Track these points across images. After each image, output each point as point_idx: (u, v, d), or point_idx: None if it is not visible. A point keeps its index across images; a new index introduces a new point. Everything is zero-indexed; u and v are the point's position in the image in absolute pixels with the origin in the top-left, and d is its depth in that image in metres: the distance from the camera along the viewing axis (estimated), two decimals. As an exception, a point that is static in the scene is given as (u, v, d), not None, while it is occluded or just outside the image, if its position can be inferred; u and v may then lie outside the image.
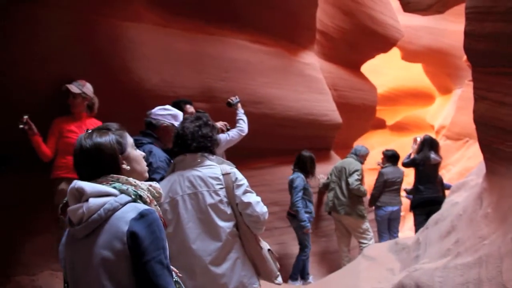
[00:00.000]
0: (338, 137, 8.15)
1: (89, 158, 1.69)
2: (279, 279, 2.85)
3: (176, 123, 3.16)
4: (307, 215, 6.07)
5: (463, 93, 13.30)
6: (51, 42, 3.89)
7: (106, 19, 4.24)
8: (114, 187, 1.65)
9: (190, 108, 4.28)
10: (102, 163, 1.70)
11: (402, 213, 7.75)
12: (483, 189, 3.58)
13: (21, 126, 3.65)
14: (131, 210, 1.63)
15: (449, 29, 13.84)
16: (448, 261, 3.18)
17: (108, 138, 1.73)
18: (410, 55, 14.56)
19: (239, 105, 4.75)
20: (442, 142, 12.67)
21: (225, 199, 2.67)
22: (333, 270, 6.32)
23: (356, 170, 6.50)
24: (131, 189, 1.68)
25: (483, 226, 3.16)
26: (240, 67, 5.87)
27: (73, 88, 3.98)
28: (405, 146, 9.52)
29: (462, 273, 2.87)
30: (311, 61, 7.52)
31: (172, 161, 2.95)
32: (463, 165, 12.91)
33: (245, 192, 2.72)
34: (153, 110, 3.29)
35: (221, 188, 2.68)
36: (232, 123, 4.62)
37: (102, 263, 1.58)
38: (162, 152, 3.24)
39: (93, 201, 1.60)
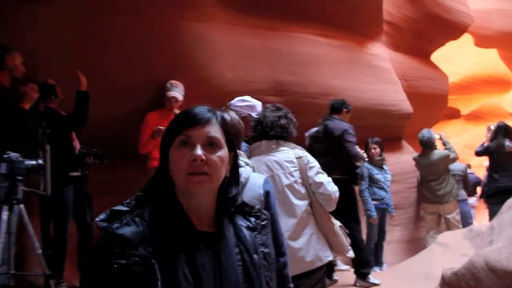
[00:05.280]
0: (409, 127, 8.12)
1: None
2: (351, 253, 3.08)
3: (253, 114, 3.41)
4: (375, 202, 6.15)
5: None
6: (147, 47, 4.39)
7: (186, 22, 4.64)
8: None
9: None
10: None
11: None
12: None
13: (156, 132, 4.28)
14: (258, 177, 2.13)
15: (524, 10, 13.17)
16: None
17: None
18: (483, 41, 13.94)
19: None
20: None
21: (299, 180, 2.93)
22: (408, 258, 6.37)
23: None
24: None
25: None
26: (309, 61, 6.07)
27: (178, 96, 4.52)
28: (481, 136, 9.27)
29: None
30: (379, 51, 7.58)
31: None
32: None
33: (317, 173, 2.97)
34: (232, 102, 3.57)
35: (295, 170, 2.94)
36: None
37: None
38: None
39: None
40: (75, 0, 4.07)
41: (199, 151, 1.14)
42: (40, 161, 3.19)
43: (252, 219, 1.29)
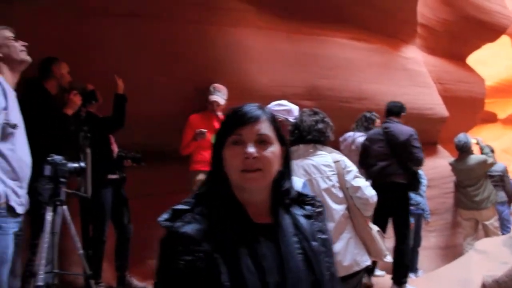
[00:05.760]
0: (444, 131, 7.98)
1: None
2: (388, 258, 3.04)
3: (290, 118, 3.41)
4: (411, 207, 5.99)
5: None
6: (182, 52, 4.50)
7: (220, 27, 4.70)
8: None
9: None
10: None
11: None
12: None
13: (199, 135, 4.38)
14: (296, 181, 2.09)
15: None
16: None
17: None
18: (521, 43, 13.62)
19: None
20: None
21: (337, 184, 2.92)
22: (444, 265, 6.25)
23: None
24: None
25: None
26: (343, 65, 6.05)
27: (220, 100, 4.61)
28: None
29: None
30: (413, 55, 7.48)
31: None
32: None
33: (355, 177, 2.96)
34: (269, 106, 3.57)
35: (333, 174, 2.93)
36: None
37: None
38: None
39: None
40: (110, 7, 4.17)
41: (251, 148, 1.19)
42: (82, 164, 3.27)
43: (308, 207, 1.33)
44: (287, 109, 3.49)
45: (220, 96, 4.66)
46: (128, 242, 4.34)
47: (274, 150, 1.23)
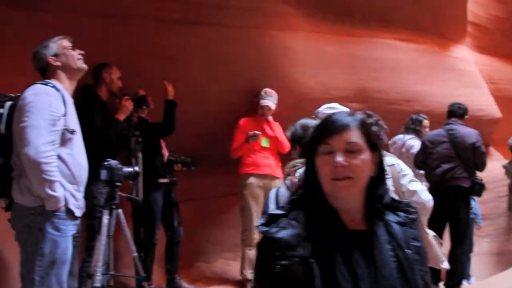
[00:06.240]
0: (497, 132, 7.68)
1: None
2: (445, 264, 2.95)
3: (341, 121, 3.37)
4: None
5: None
6: (230, 57, 4.55)
7: (268, 31, 4.71)
8: None
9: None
10: None
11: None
12: None
13: (252, 137, 4.41)
14: None
15: None
16: None
17: None
18: None
19: None
20: None
21: (392, 188, 2.85)
22: (498, 272, 6.02)
23: None
24: None
25: None
26: (391, 66, 5.93)
27: (271, 105, 4.65)
28: None
29: None
30: (463, 54, 7.25)
31: None
32: None
33: (411, 181, 2.88)
34: (320, 109, 3.52)
35: (388, 178, 2.86)
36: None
37: None
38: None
39: None
40: (161, 14, 4.24)
41: (339, 158, 1.21)
42: (136, 168, 3.34)
43: (401, 213, 1.32)
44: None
45: (271, 101, 4.68)
46: (178, 245, 4.39)
47: (364, 157, 1.23)
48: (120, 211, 3.20)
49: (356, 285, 1.14)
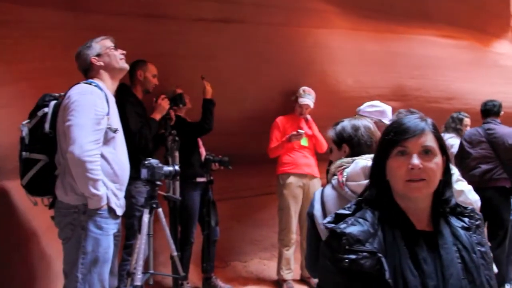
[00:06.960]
0: (542, 132, 7.39)
1: None
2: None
3: (383, 119, 3.29)
4: None
5: None
6: (268, 54, 4.50)
7: (306, 28, 4.64)
8: None
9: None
10: None
11: None
12: None
13: (295, 136, 4.37)
14: None
15: None
16: None
17: None
18: None
19: None
20: None
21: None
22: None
23: None
24: None
25: None
26: (431, 64, 5.78)
27: (310, 103, 4.61)
28: None
29: None
30: (507, 50, 6.99)
31: None
32: None
33: (457, 180, 2.77)
34: (361, 107, 3.47)
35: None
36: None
37: None
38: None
39: None
40: (199, 13, 4.21)
41: (416, 160, 1.26)
42: (176, 167, 3.32)
43: (466, 219, 1.36)
44: (380, 110, 3.37)
45: (310, 99, 4.63)
46: (214, 244, 4.38)
47: (437, 161, 1.29)
48: (160, 210, 3.20)
49: (423, 282, 1.19)
